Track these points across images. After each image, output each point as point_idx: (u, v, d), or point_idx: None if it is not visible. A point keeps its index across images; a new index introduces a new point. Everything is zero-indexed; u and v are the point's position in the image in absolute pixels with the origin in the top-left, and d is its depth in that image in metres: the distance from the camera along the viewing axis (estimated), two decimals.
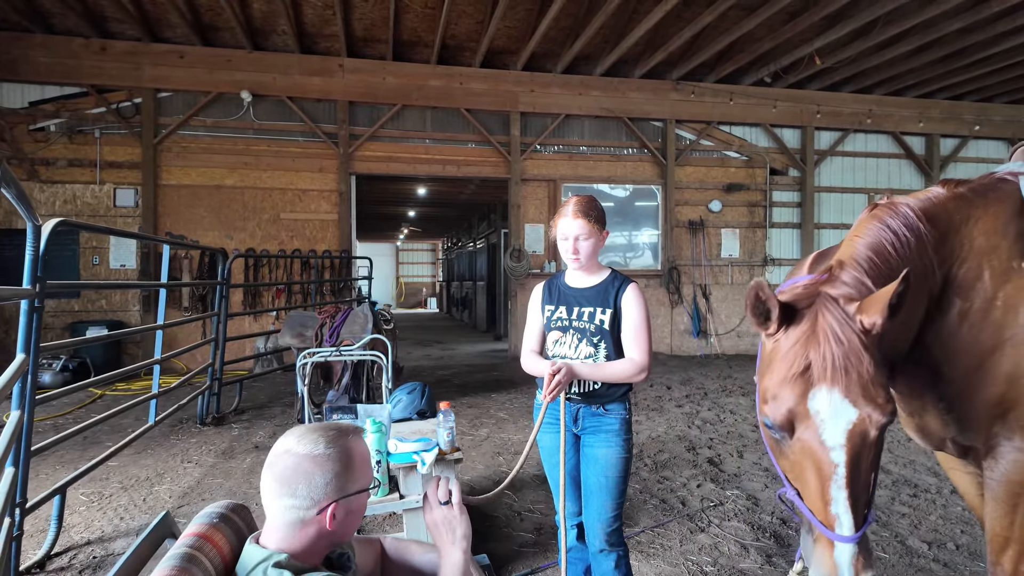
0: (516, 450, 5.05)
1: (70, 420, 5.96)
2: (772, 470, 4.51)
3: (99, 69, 8.70)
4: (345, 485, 1.23)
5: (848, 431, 1.35)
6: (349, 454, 1.25)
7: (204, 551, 1.21)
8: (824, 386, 1.36)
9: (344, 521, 1.24)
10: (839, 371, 1.35)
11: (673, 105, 10.74)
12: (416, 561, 1.55)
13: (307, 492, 1.20)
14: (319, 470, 1.21)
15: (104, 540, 3.38)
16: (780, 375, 1.41)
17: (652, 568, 3.02)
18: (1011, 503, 1.65)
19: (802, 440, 1.40)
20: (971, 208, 1.72)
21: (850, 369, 1.35)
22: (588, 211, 2.16)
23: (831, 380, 1.36)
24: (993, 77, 10.62)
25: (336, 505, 1.22)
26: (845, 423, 1.35)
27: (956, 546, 3.27)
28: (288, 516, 1.21)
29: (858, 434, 1.35)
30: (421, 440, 2.83)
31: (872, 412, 1.34)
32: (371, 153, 9.85)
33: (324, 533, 1.23)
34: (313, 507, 1.20)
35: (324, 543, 1.26)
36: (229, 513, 1.37)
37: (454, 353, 11.49)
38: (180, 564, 1.13)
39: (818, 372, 1.37)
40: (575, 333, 2.19)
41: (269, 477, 1.23)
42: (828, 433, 1.36)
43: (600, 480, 2.13)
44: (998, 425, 1.66)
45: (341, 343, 5.66)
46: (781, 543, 3.32)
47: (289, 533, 1.22)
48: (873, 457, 1.41)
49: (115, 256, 8.89)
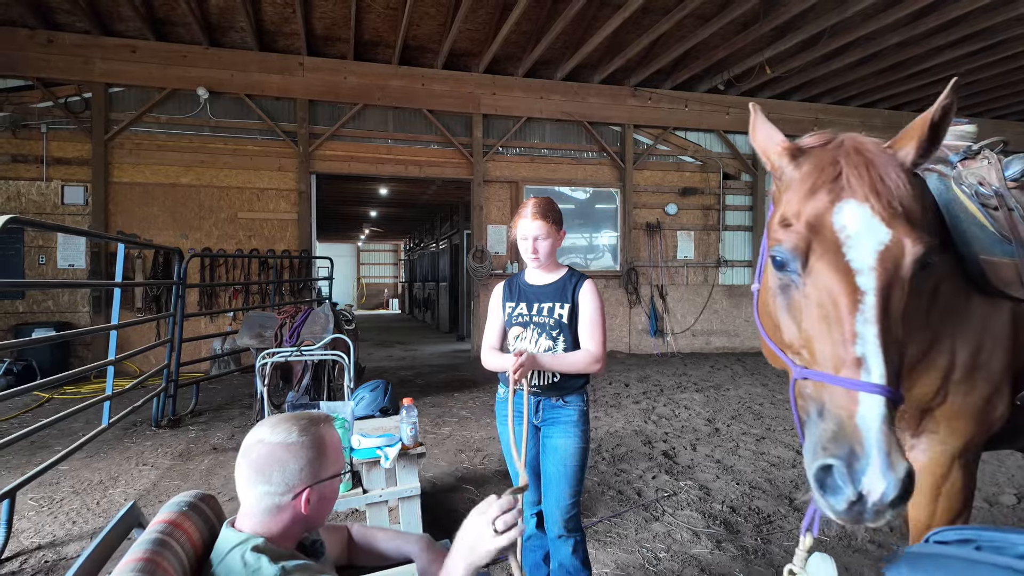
0: (479, 447, 5.12)
1: (15, 424, 5.75)
2: (724, 461, 4.71)
3: (45, 62, 8.39)
4: (318, 471, 1.29)
5: (880, 252, 1.13)
6: (322, 441, 1.31)
7: (175, 536, 1.25)
8: (854, 200, 1.16)
9: (318, 506, 1.30)
10: (872, 185, 1.16)
11: (631, 110, 10.99)
12: (381, 547, 1.62)
13: (281, 479, 1.25)
14: (293, 457, 1.26)
15: (56, 544, 3.32)
16: (800, 193, 1.20)
17: (609, 555, 3.15)
18: (933, 493, 1.72)
19: (822, 266, 1.16)
20: None
21: (883, 187, 1.16)
22: (546, 212, 2.27)
23: (862, 194, 1.15)
24: (930, 89, 11.21)
25: (310, 490, 1.28)
26: (877, 243, 1.13)
27: (890, 528, 3.50)
28: (264, 503, 1.26)
29: (891, 258, 1.13)
30: (384, 436, 2.89)
31: (908, 238, 1.12)
32: (332, 152, 9.77)
33: (299, 518, 1.28)
34: (288, 493, 1.26)
35: (299, 528, 1.31)
36: (198, 502, 1.41)
37: (416, 354, 11.48)
38: (152, 548, 1.17)
39: (847, 184, 1.17)
40: (535, 328, 2.29)
41: (244, 465, 1.28)
42: (856, 252, 1.13)
43: (559, 469, 2.23)
44: (927, 418, 1.72)
45: (301, 343, 5.63)
46: (730, 529, 3.49)
47: (265, 518, 1.27)
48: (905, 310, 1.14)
49: (63, 255, 8.58)
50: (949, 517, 1.69)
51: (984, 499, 3.95)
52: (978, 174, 1.76)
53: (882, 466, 1.00)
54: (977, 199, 1.71)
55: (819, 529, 1.31)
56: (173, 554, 1.23)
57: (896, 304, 1.13)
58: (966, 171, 1.77)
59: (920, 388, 1.68)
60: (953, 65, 9.85)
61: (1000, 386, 1.66)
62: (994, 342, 1.65)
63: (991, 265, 1.63)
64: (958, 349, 1.65)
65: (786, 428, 5.68)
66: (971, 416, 1.66)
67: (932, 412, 1.71)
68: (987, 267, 1.63)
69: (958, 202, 1.71)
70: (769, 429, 5.68)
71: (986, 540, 0.96)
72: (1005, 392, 1.67)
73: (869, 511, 1.01)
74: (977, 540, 0.97)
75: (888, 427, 1.03)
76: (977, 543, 0.97)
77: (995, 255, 1.63)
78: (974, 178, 1.75)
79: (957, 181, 1.76)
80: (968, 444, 1.68)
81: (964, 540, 0.98)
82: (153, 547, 1.18)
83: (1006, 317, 1.65)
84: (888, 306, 1.12)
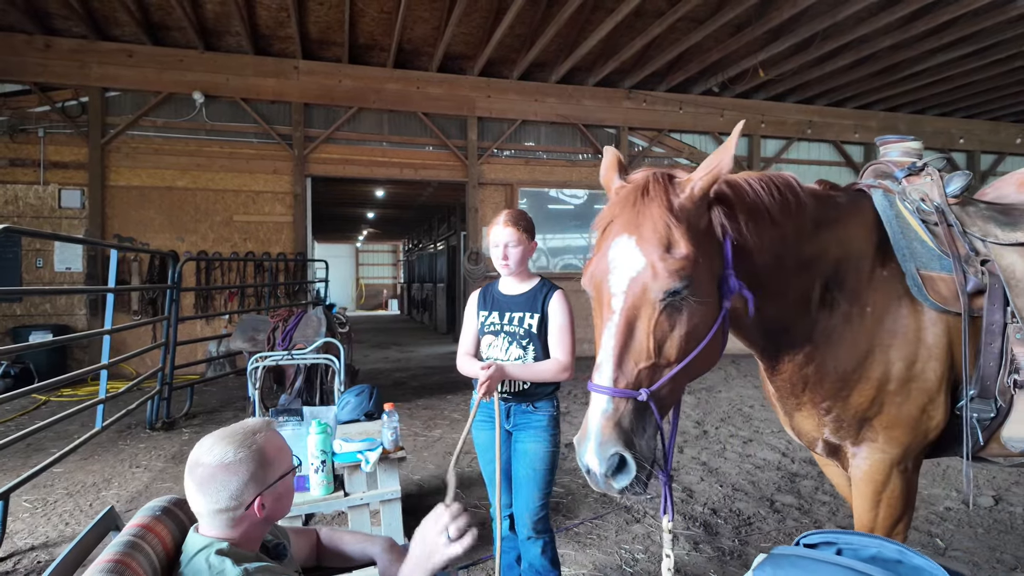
0: (467, 450, 5.18)
1: (12, 427, 5.83)
2: (709, 463, 4.77)
3: (43, 67, 8.48)
4: (264, 478, 1.32)
5: (631, 279, 1.37)
6: (261, 451, 1.33)
7: (147, 540, 1.32)
8: (622, 236, 1.40)
9: (274, 506, 1.35)
10: (637, 223, 1.39)
11: (626, 113, 11.06)
12: (347, 549, 1.69)
13: (228, 496, 1.28)
14: (234, 476, 1.28)
15: (49, 545, 3.39)
16: (599, 229, 1.48)
17: (587, 557, 3.21)
18: (874, 499, 1.79)
19: (593, 291, 1.45)
20: (841, 211, 1.83)
21: (646, 224, 1.38)
22: (518, 221, 2.34)
23: (627, 231, 1.40)
24: (925, 91, 11.27)
25: (261, 496, 1.31)
26: (631, 271, 1.37)
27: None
28: (217, 518, 1.30)
29: (640, 284, 1.36)
30: (366, 440, 2.95)
31: (658, 268, 1.34)
32: (327, 155, 9.85)
33: (257, 521, 1.33)
34: (240, 507, 1.29)
35: (260, 529, 1.37)
36: (171, 507, 1.47)
37: (412, 355, 11.55)
38: (123, 550, 1.23)
39: (620, 222, 1.42)
40: (506, 337, 2.36)
41: (190, 483, 1.30)
42: (614, 279, 1.39)
43: (528, 472, 2.30)
44: (865, 427, 1.78)
45: (294, 347, 5.71)
46: (709, 531, 3.55)
47: (223, 527, 1.31)
48: (661, 327, 1.37)
49: (60, 259, 8.66)
50: (890, 523, 1.76)
51: (962, 501, 4.01)
52: (921, 190, 1.83)
53: (595, 449, 1.32)
54: (918, 215, 1.78)
55: None
56: (144, 556, 1.29)
57: (645, 322, 1.37)
58: (910, 187, 1.84)
59: (856, 398, 1.75)
60: (947, 67, 9.90)
61: (935, 396, 1.72)
62: (928, 354, 1.71)
63: (929, 280, 1.70)
64: (893, 361, 1.71)
65: (773, 431, 5.74)
66: (907, 425, 1.73)
67: (871, 421, 1.77)
68: (925, 282, 1.69)
69: (902, 218, 1.78)
70: (757, 431, 5.74)
71: (844, 543, 1.07)
72: (941, 402, 1.73)
73: (599, 481, 1.34)
74: (838, 543, 1.08)
75: (606, 419, 1.32)
76: (838, 545, 1.07)
77: (933, 270, 1.70)
78: (917, 194, 1.82)
79: (901, 197, 1.83)
80: (906, 452, 1.75)
81: (828, 543, 1.08)
82: (125, 549, 1.25)
83: (940, 329, 1.71)
84: (634, 324, 1.36)
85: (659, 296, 1.36)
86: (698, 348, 1.40)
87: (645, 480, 1.35)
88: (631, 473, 1.31)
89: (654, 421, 1.37)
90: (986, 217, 1.84)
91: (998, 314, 1.68)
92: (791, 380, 1.85)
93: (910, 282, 1.70)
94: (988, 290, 1.68)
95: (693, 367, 1.43)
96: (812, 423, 1.88)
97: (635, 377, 1.35)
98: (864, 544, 1.03)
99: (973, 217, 1.83)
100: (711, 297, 1.44)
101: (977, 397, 1.71)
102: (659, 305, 1.37)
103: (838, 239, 1.78)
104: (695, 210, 1.45)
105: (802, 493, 4.17)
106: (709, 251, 1.45)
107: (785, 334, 1.78)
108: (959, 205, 1.84)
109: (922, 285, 1.68)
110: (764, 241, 1.58)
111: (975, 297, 1.70)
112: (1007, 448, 1.75)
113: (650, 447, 1.36)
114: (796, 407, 1.90)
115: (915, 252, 1.72)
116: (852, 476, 1.85)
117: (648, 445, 1.36)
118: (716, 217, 1.49)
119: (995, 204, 1.96)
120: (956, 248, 1.71)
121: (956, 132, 13.01)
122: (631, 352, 1.36)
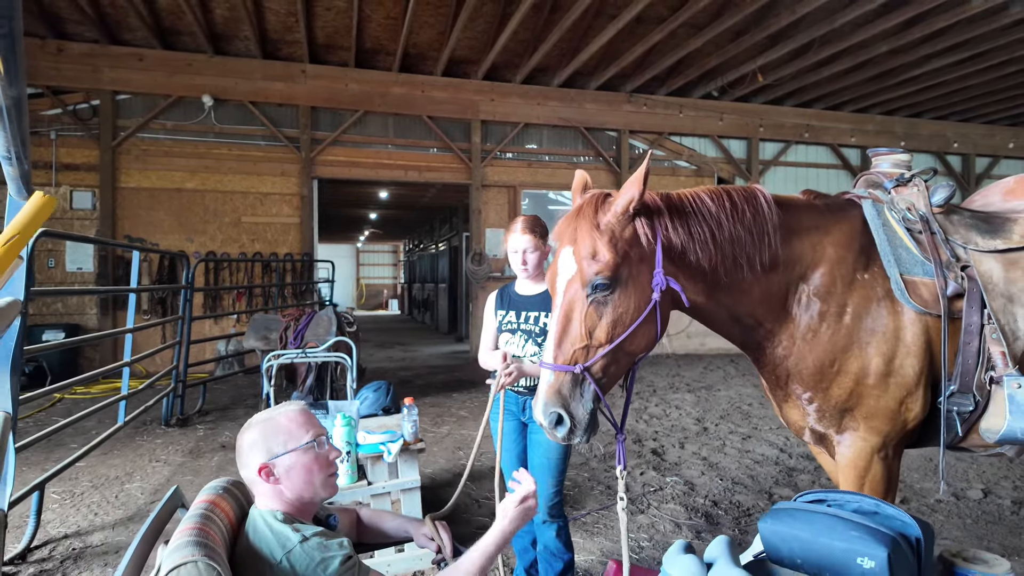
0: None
1: (30, 423, 5.98)
2: (710, 459, 4.95)
3: (55, 70, 8.64)
4: (270, 448, 1.50)
5: (568, 280, 1.73)
6: (271, 424, 1.53)
7: (215, 514, 1.48)
8: (566, 247, 1.76)
9: (286, 476, 1.50)
10: (573, 236, 1.74)
11: (627, 116, 11.23)
12: (386, 527, 1.85)
13: (244, 462, 1.53)
14: (245, 444, 1.53)
15: (81, 534, 3.55)
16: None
17: (596, 544, 3.38)
18: (858, 483, 1.95)
19: (552, 290, 1.82)
20: (822, 219, 2.00)
21: (579, 237, 1.72)
22: (534, 228, 2.51)
23: (567, 242, 1.75)
24: (921, 95, 11.46)
25: (267, 465, 1.48)
26: (568, 273, 1.73)
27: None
28: (253, 489, 1.54)
29: (573, 284, 1.72)
30: (387, 432, 3.12)
31: (586, 271, 1.68)
32: (333, 158, 10.01)
33: (277, 489, 1.50)
34: (252, 472, 1.51)
35: (295, 499, 1.51)
36: (231, 486, 1.64)
37: (416, 355, 11.71)
38: (201, 520, 1.40)
39: (564, 235, 1.77)
40: (523, 335, 2.53)
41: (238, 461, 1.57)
42: (559, 280, 1.76)
43: (543, 461, 2.47)
44: (847, 417, 1.93)
45: (306, 345, 5.87)
46: (711, 521, 3.72)
47: (268, 498, 1.51)
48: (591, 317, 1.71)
49: (71, 259, 8.81)
50: None
51: (953, 493, 4.18)
52: (908, 200, 2.00)
53: (540, 408, 1.69)
54: (904, 224, 1.95)
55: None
56: (216, 527, 1.46)
57: (578, 313, 1.71)
58: (898, 197, 2.02)
59: (835, 390, 1.92)
60: (942, 73, 10.09)
61: (914, 391, 1.88)
62: (907, 351, 1.87)
63: (912, 284, 1.87)
64: (871, 356, 1.88)
65: (772, 427, 5.91)
66: (886, 416, 1.89)
67: (851, 412, 1.93)
68: (908, 286, 1.87)
69: (888, 226, 1.95)
70: (756, 428, 5.91)
71: (832, 499, 1.26)
72: (919, 396, 1.89)
73: (547, 431, 1.71)
74: (827, 499, 1.26)
75: (548, 387, 1.68)
76: (827, 501, 1.25)
77: (916, 275, 1.87)
78: (904, 204, 2.00)
79: (890, 207, 2.00)
80: (886, 440, 1.91)
81: (819, 500, 1.26)
82: (201, 520, 1.42)
83: (919, 329, 1.87)
84: (570, 315, 1.71)
85: (587, 292, 1.69)
86: (625, 332, 1.70)
87: (584, 433, 1.70)
88: (567, 426, 1.67)
89: (592, 390, 1.69)
90: (968, 225, 2.00)
91: (976, 316, 1.84)
92: (776, 372, 2.02)
93: (894, 286, 1.87)
94: (967, 294, 1.84)
95: (627, 347, 1.74)
96: (799, 413, 2.05)
97: (571, 356, 1.69)
98: (847, 499, 1.23)
99: (956, 225, 2.00)
100: (639, 291, 1.73)
101: (957, 392, 1.87)
102: (587, 300, 1.70)
103: (814, 244, 1.96)
104: (619, 223, 1.73)
105: (799, 486, 4.34)
106: (639, 254, 1.74)
107: (760, 328, 1.97)
108: (944, 214, 2.00)
109: (904, 289, 1.85)
110: (697, 242, 1.81)
111: (955, 300, 1.86)
112: (984, 439, 1.91)
113: (586, 409, 1.69)
114: (784, 398, 2.07)
115: (900, 258, 1.89)
116: (837, 462, 2.01)
117: (584, 407, 1.68)
118: (640, 227, 1.74)
119: (978, 212, 2.12)
120: (938, 254, 1.88)
121: (951, 136, 13.20)
122: (568, 337, 1.71)
